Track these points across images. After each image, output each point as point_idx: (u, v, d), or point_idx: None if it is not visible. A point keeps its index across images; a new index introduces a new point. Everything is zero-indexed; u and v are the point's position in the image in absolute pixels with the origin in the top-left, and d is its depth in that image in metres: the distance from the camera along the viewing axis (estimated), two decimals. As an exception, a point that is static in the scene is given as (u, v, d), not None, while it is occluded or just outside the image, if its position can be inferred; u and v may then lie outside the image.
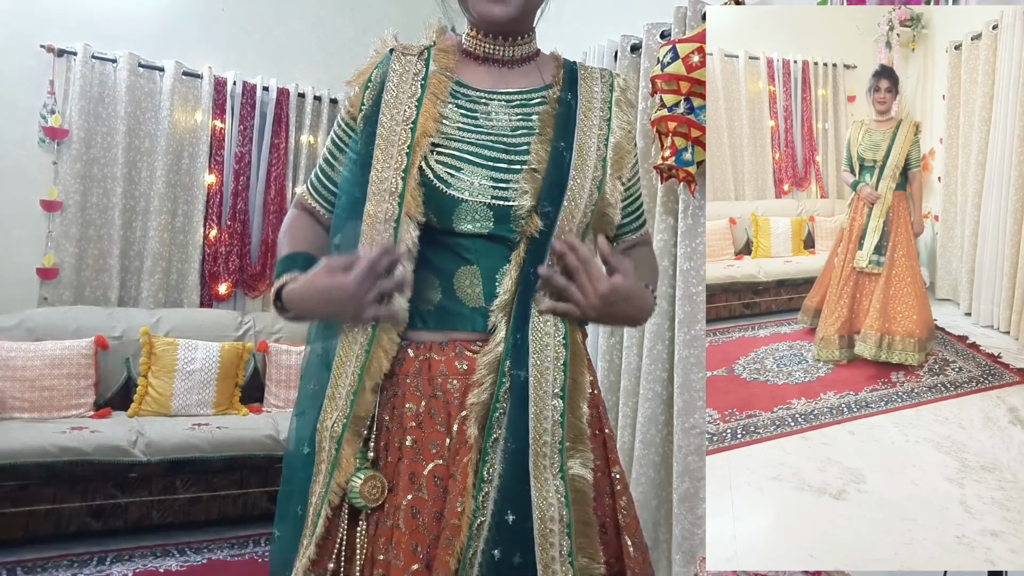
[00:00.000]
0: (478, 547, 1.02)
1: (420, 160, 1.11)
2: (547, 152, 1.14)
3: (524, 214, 1.12)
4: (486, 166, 1.13)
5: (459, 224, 1.12)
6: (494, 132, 1.16)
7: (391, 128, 1.13)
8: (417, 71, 1.19)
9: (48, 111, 3.82)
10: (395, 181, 1.10)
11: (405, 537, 1.04)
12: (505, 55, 1.23)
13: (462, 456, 1.06)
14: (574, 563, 1.04)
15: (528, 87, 1.22)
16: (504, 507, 1.04)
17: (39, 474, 2.99)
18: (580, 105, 1.21)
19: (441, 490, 1.06)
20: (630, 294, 1.11)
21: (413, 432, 1.09)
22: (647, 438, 2.83)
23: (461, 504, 1.03)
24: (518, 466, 1.05)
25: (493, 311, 1.12)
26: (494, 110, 1.18)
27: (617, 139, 1.22)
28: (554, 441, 1.07)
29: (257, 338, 4.03)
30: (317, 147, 4.46)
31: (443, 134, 1.14)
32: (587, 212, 1.16)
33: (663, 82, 2.63)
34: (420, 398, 1.11)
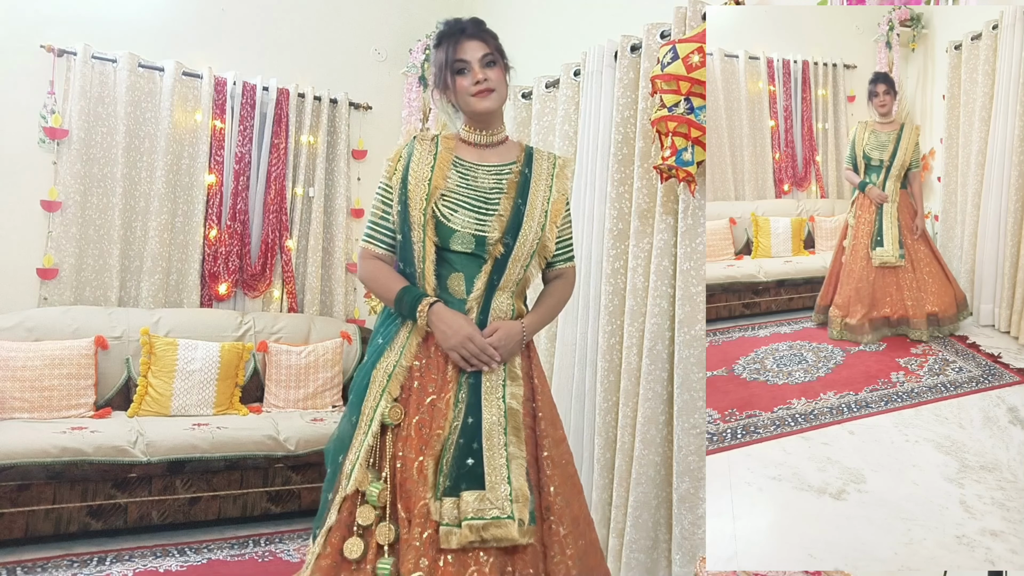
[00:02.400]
0: (453, 438, 1.74)
1: (432, 204, 1.82)
2: (510, 205, 1.86)
3: (493, 242, 1.83)
4: (472, 210, 1.84)
5: (453, 244, 1.84)
6: (479, 190, 1.87)
7: (416, 184, 1.84)
8: (430, 150, 1.88)
9: (48, 111, 3.82)
10: (420, 216, 1.82)
11: (414, 441, 1.76)
12: (485, 141, 1.93)
13: (446, 392, 1.79)
14: (507, 447, 1.75)
15: (500, 162, 1.92)
16: (467, 415, 1.76)
17: (39, 474, 2.99)
18: (533, 176, 1.92)
19: (434, 412, 1.78)
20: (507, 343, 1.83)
21: (418, 378, 1.82)
22: (647, 438, 2.83)
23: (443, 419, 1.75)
24: (477, 393, 1.78)
25: (470, 301, 1.84)
26: (479, 176, 1.89)
27: (555, 199, 1.93)
28: (498, 379, 1.81)
29: (257, 338, 4.03)
30: (317, 147, 4.46)
31: (447, 189, 1.84)
32: (533, 244, 1.88)
33: (663, 82, 2.63)
34: (423, 357, 1.83)
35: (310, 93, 4.43)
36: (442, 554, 1.65)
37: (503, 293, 1.86)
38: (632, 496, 2.86)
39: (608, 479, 3.03)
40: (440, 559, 1.65)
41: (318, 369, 4.00)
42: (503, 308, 1.85)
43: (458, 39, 1.86)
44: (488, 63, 1.87)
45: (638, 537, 2.82)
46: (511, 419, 1.77)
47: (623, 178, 3.08)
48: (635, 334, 2.95)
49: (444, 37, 1.88)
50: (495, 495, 1.66)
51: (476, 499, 1.66)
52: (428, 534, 1.66)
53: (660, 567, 2.82)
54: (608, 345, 3.07)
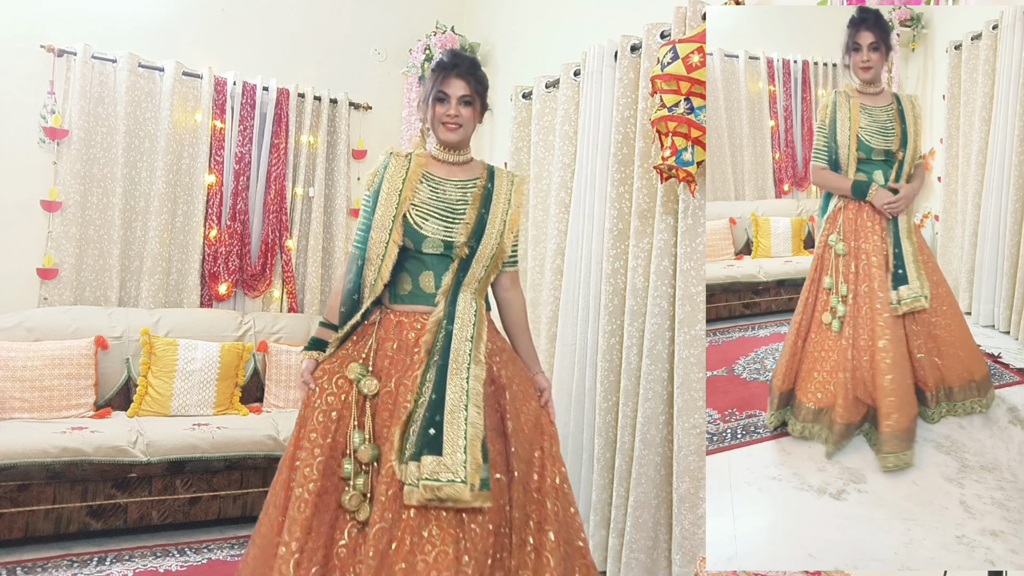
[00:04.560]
0: (419, 412, 1.97)
1: (403, 213, 2.11)
2: (475, 214, 2.14)
3: (459, 245, 2.12)
4: (441, 219, 2.13)
5: (424, 248, 2.13)
6: (446, 202, 2.15)
7: (388, 194, 2.13)
8: (404, 165, 2.16)
9: (48, 111, 3.82)
10: (388, 222, 2.11)
11: (387, 411, 2.05)
12: (453, 159, 2.20)
13: (413, 370, 2.04)
14: (467, 420, 1.95)
15: (466, 178, 2.20)
16: (432, 391, 1.98)
17: (39, 474, 2.99)
18: (495, 191, 2.21)
19: (400, 388, 2.04)
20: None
21: (389, 358, 2.10)
22: (647, 438, 2.83)
23: (410, 394, 2.00)
24: (443, 372, 2.00)
25: (438, 295, 2.11)
26: (447, 189, 2.17)
27: (513, 211, 2.21)
28: (463, 362, 2.02)
29: (257, 338, 4.03)
30: (317, 147, 4.46)
31: (419, 200, 2.13)
32: (492, 248, 2.16)
33: (663, 82, 2.62)
34: (394, 340, 2.11)
35: (310, 93, 4.43)
36: (405, 509, 1.90)
37: (467, 289, 2.12)
38: (632, 496, 2.86)
39: (608, 479, 3.03)
40: (403, 513, 1.90)
41: (318, 369, 4.00)
42: (466, 302, 2.10)
43: (448, 73, 2.14)
44: (465, 102, 2.15)
45: (638, 537, 2.82)
46: (472, 397, 1.99)
47: (623, 178, 3.08)
48: (635, 334, 2.95)
49: (439, 67, 2.16)
50: (451, 461, 1.90)
51: (433, 463, 1.90)
52: (392, 491, 1.92)
53: (660, 567, 2.82)
54: (608, 345, 3.06)
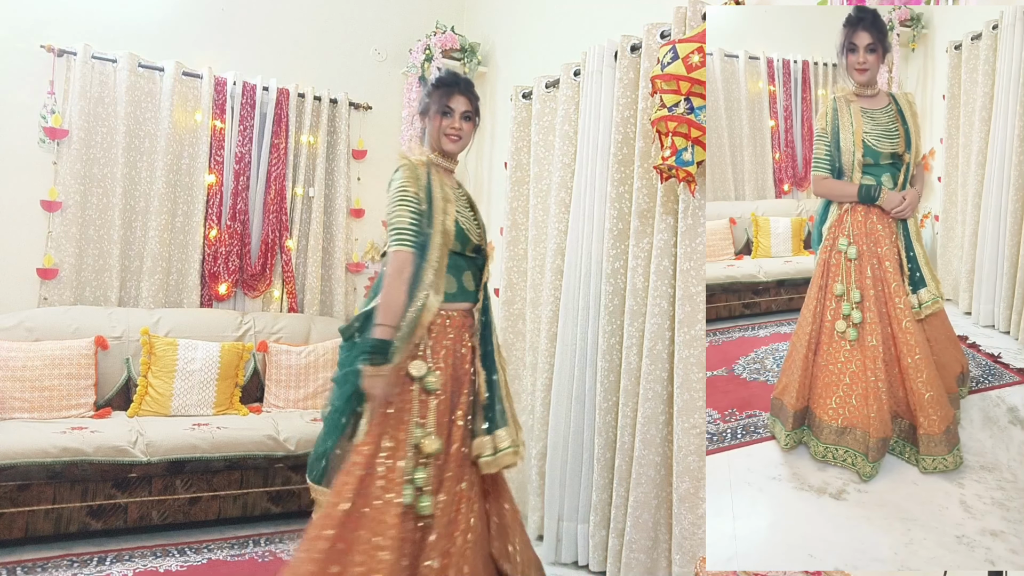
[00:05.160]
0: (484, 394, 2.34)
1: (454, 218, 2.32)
2: (479, 220, 2.47)
3: (484, 246, 2.46)
4: (470, 222, 2.41)
5: (466, 250, 2.38)
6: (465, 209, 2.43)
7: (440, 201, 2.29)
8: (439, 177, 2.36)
9: (48, 111, 3.81)
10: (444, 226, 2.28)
11: (445, 401, 2.28)
12: (451, 167, 2.45)
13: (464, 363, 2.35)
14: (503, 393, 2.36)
15: (456, 185, 2.47)
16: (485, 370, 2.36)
17: (39, 474, 2.99)
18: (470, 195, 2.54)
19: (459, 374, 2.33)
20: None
21: (445, 348, 2.30)
22: (647, 438, 2.83)
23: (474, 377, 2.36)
24: (490, 358, 2.38)
25: (479, 292, 2.40)
26: (457, 197, 2.40)
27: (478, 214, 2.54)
28: (494, 345, 2.41)
29: (257, 338, 4.03)
30: (317, 147, 4.46)
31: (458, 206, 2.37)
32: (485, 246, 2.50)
33: (663, 82, 2.63)
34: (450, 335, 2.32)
35: (310, 93, 4.43)
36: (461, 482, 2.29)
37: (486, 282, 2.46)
38: (632, 496, 2.86)
39: (608, 479, 3.03)
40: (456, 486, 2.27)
41: (318, 369, 4.00)
42: (486, 295, 2.44)
43: (453, 91, 2.40)
44: (466, 117, 2.42)
45: (638, 537, 2.82)
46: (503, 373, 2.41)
47: (623, 178, 3.08)
48: (635, 334, 2.95)
49: (443, 84, 2.42)
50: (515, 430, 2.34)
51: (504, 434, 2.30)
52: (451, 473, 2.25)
53: (660, 567, 2.82)
54: (608, 345, 3.06)
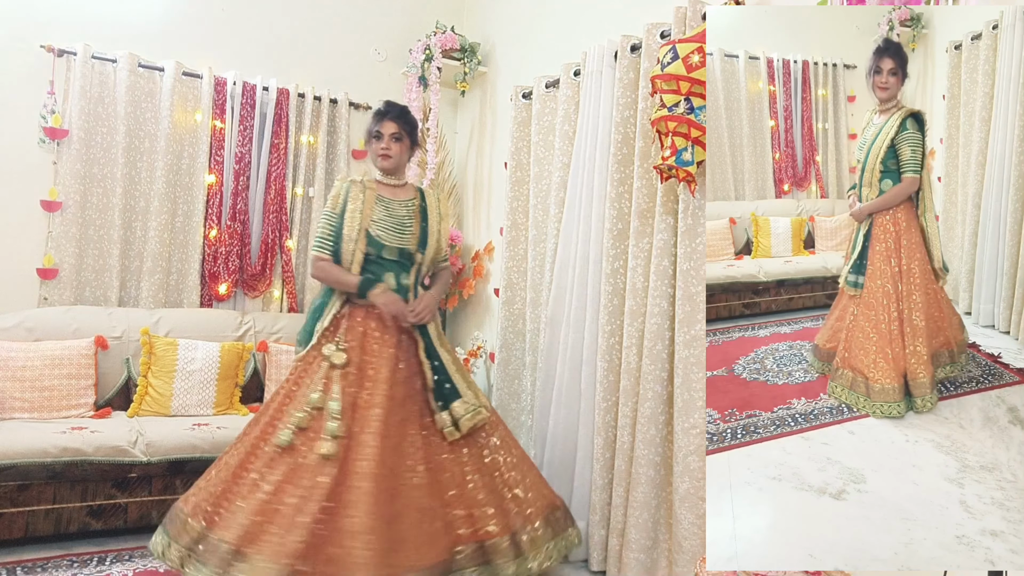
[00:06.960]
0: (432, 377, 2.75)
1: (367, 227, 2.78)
2: (420, 227, 2.87)
3: (412, 251, 2.84)
4: (394, 231, 2.81)
5: (385, 255, 2.80)
6: (396, 217, 2.84)
7: (351, 215, 2.79)
8: (361, 191, 2.83)
9: (48, 111, 3.81)
10: (354, 233, 2.77)
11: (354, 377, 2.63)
12: (393, 183, 2.91)
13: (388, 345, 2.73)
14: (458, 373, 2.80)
15: (405, 198, 2.90)
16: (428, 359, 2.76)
17: (39, 474, 2.99)
18: (428, 207, 2.94)
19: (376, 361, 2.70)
20: (431, 303, 2.82)
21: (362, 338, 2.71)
22: (647, 438, 2.83)
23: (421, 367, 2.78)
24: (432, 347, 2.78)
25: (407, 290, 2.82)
26: (395, 207, 2.85)
27: (443, 221, 2.94)
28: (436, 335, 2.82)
29: (257, 338, 4.03)
30: (317, 147, 4.46)
31: (377, 218, 2.80)
32: (436, 252, 2.93)
33: (663, 82, 2.63)
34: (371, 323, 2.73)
35: (310, 93, 4.43)
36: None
37: (417, 284, 2.87)
38: (632, 496, 2.86)
39: (608, 479, 3.03)
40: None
41: (318, 369, 3.99)
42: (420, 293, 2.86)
43: (382, 118, 2.86)
44: (395, 138, 2.86)
45: (638, 537, 2.82)
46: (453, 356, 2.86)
47: (623, 178, 3.08)
48: (635, 334, 2.95)
49: (376, 113, 2.90)
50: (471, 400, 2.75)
51: (460, 406, 2.71)
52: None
53: (660, 567, 2.82)
54: (608, 345, 3.07)
